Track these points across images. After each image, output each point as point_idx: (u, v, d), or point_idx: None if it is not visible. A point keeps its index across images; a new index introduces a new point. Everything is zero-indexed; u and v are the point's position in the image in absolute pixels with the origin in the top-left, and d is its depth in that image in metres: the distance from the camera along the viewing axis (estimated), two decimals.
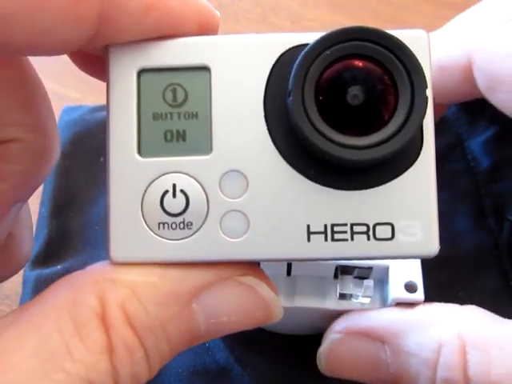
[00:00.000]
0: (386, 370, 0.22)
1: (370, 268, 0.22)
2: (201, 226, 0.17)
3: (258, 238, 0.17)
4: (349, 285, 0.23)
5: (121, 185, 0.17)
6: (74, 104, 0.34)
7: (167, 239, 0.17)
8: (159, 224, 0.17)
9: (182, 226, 0.17)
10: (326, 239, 0.17)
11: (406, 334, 0.21)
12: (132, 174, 0.17)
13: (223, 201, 0.17)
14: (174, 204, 0.17)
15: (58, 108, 0.33)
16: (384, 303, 0.23)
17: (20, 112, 0.19)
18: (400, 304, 0.22)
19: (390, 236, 0.17)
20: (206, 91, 0.17)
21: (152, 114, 0.17)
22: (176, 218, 0.17)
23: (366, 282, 0.23)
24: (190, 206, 0.17)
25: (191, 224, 0.17)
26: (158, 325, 0.16)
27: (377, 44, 0.16)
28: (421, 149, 0.17)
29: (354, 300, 0.23)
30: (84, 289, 0.16)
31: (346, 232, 0.17)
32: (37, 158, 0.19)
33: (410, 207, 0.17)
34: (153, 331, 0.16)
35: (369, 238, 0.17)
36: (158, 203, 0.17)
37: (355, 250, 0.17)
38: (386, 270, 0.23)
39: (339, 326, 0.22)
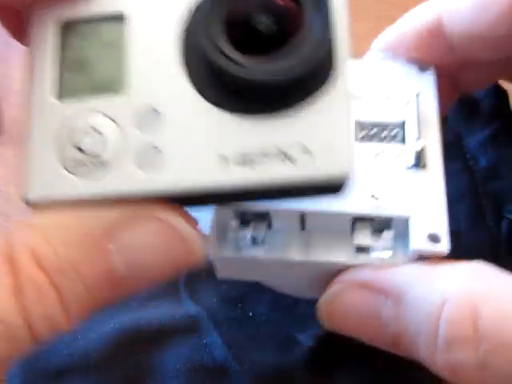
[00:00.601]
0: (386, 328, 0.20)
1: (389, 219, 0.21)
2: (117, 164, 0.17)
3: (174, 171, 0.17)
4: (366, 237, 0.21)
5: (38, 127, 0.17)
6: None
7: (84, 178, 0.17)
8: (75, 163, 0.17)
9: (98, 164, 0.17)
10: (242, 166, 0.16)
11: (408, 287, 0.20)
12: (49, 115, 0.17)
13: (139, 138, 0.17)
14: (90, 143, 0.17)
15: None
16: (406, 258, 0.21)
17: None
18: (423, 258, 0.21)
19: (304, 160, 0.16)
20: (122, 36, 0.18)
21: (72, 61, 0.18)
22: (92, 157, 0.17)
23: (385, 233, 0.21)
24: (106, 145, 0.17)
25: (107, 162, 0.17)
26: (69, 266, 0.16)
27: None
28: (330, 72, 0.17)
29: (372, 254, 0.22)
30: None
31: (261, 158, 0.16)
32: None
33: (322, 129, 0.17)
34: (64, 273, 0.16)
35: (284, 163, 0.16)
36: (74, 143, 0.17)
37: (271, 175, 0.16)
38: (406, 221, 0.21)
39: (344, 276, 0.21)
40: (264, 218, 0.21)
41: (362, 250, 0.21)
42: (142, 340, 0.25)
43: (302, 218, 0.22)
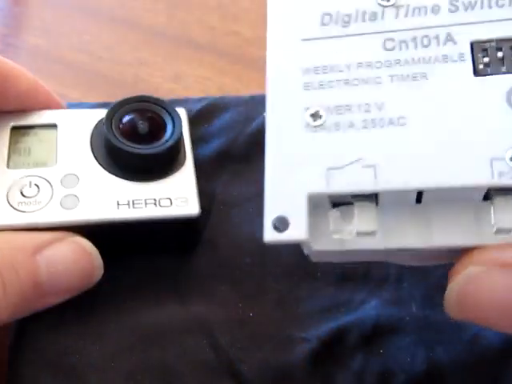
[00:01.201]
0: None
1: None
2: (48, 205, 0.26)
3: (85, 210, 0.26)
4: (508, 214, 0.17)
5: None
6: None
7: (25, 212, 0.26)
8: (18, 203, 0.26)
9: (34, 203, 0.26)
10: (129, 208, 0.27)
11: None
12: (1, 177, 0.27)
13: (63, 190, 0.27)
14: (30, 191, 0.27)
15: None
16: None
17: None
18: None
19: (169, 204, 0.27)
20: (54, 135, 0.29)
21: (18, 148, 0.28)
22: (30, 198, 0.26)
23: None
24: (41, 193, 0.27)
25: (41, 203, 0.26)
26: (12, 265, 0.22)
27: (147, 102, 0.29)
28: (185, 159, 0.29)
29: None
30: None
31: (141, 203, 0.27)
32: None
33: (181, 189, 0.27)
34: (9, 268, 0.22)
35: (156, 206, 0.27)
36: (19, 191, 0.27)
37: (148, 213, 0.27)
38: None
39: (481, 256, 0.18)
40: (370, 197, 0.18)
41: (503, 231, 0.18)
42: (143, 340, 0.25)
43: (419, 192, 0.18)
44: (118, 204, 0.27)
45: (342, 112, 0.19)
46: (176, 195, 0.27)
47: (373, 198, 0.18)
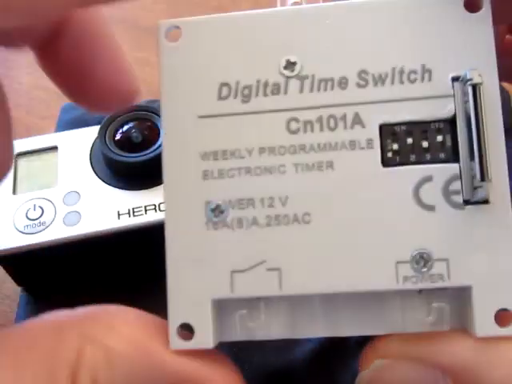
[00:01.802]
0: None
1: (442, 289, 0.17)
2: (51, 224, 0.27)
3: (87, 224, 0.27)
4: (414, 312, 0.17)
5: (1, 207, 0.28)
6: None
7: (30, 234, 0.27)
8: (24, 226, 0.27)
9: (38, 224, 0.27)
10: (129, 216, 0.27)
11: (477, 366, 0.16)
12: (8, 203, 0.28)
13: (65, 208, 0.28)
14: (34, 214, 0.28)
15: (58, 107, 0.36)
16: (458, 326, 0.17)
17: None
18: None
19: None
20: (55, 157, 0.30)
21: (24, 175, 0.29)
22: (35, 221, 0.28)
23: (436, 304, 0.17)
24: (44, 214, 0.28)
25: (45, 222, 0.27)
26: None
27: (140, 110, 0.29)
28: None
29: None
30: (66, 341, 0.16)
31: (142, 210, 0.27)
32: None
33: None
34: None
35: (156, 211, 0.27)
36: (25, 215, 0.28)
37: (149, 218, 0.27)
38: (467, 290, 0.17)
39: (387, 348, 0.18)
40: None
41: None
42: None
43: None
44: (119, 214, 0.28)
45: (244, 207, 0.17)
46: None
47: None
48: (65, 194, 0.29)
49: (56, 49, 0.20)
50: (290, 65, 0.18)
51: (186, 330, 0.17)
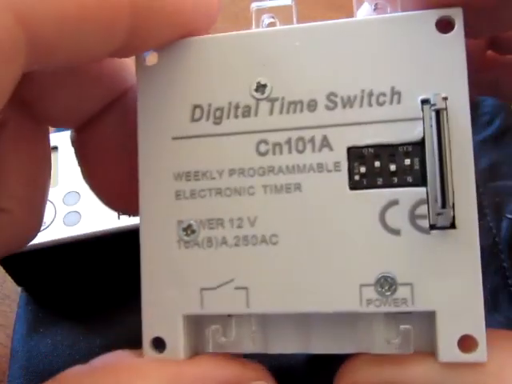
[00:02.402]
0: None
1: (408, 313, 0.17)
2: (51, 223, 0.28)
3: (86, 224, 0.28)
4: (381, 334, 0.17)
5: None
6: None
7: None
8: None
9: None
10: (129, 216, 0.27)
11: None
12: None
13: (65, 208, 0.28)
14: None
15: None
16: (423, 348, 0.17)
17: (23, 186, 0.19)
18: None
19: None
20: (55, 160, 0.30)
21: None
22: None
23: (402, 327, 0.17)
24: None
25: (45, 223, 0.28)
26: None
27: None
28: None
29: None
30: None
31: None
32: (17, 233, 0.19)
33: None
34: None
35: None
36: None
37: None
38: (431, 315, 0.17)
39: (352, 377, 0.18)
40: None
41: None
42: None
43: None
44: (119, 214, 0.28)
45: (214, 226, 0.18)
46: None
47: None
48: (65, 194, 0.29)
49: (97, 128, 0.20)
50: (261, 87, 0.18)
51: (158, 345, 0.18)
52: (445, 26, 0.17)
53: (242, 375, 0.18)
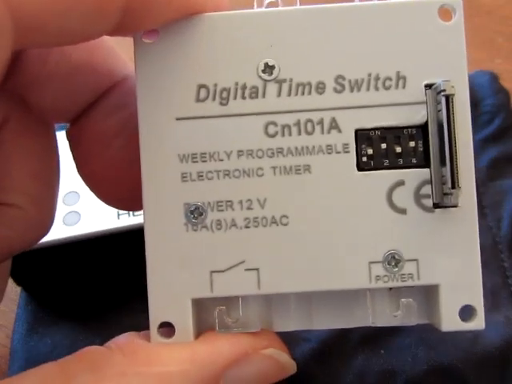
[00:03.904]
0: None
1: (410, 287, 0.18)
2: None
3: (85, 224, 0.28)
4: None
5: None
6: None
7: None
8: None
9: None
10: (129, 216, 0.27)
11: None
12: None
13: (64, 208, 0.28)
14: None
15: None
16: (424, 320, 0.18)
17: (31, 182, 0.19)
18: None
19: None
20: None
21: None
22: None
23: (404, 300, 0.18)
24: None
25: None
26: None
27: None
28: None
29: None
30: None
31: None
32: (29, 229, 0.19)
33: None
34: None
35: None
36: None
37: None
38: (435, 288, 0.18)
39: None
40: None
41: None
42: None
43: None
44: (119, 214, 0.28)
45: (223, 209, 0.18)
46: None
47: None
48: (65, 194, 0.29)
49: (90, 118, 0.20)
50: (268, 68, 0.18)
51: (167, 330, 0.18)
52: (446, 14, 0.17)
53: (256, 344, 0.18)
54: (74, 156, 0.21)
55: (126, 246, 0.28)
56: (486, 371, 0.24)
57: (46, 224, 0.20)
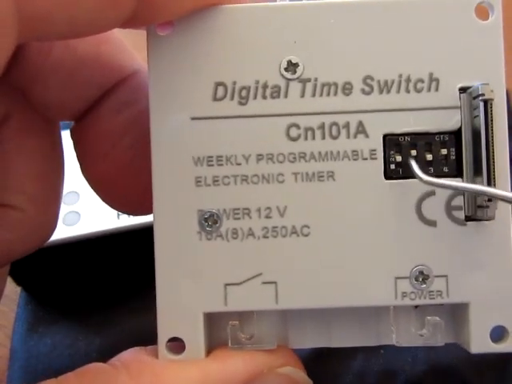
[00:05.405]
0: None
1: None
2: None
3: (87, 224, 0.27)
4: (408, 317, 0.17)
5: None
6: None
7: None
8: None
9: None
10: (129, 216, 0.27)
11: None
12: None
13: (64, 207, 0.27)
14: None
15: None
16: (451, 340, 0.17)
17: (33, 182, 0.18)
18: None
19: None
20: None
21: None
22: None
23: (430, 318, 0.17)
24: None
25: None
26: None
27: None
28: None
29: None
30: None
31: None
32: (31, 232, 0.18)
33: None
34: None
35: None
36: None
37: (147, 219, 0.27)
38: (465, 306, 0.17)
39: None
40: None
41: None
42: (147, 344, 0.26)
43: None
44: (118, 214, 0.27)
45: (239, 217, 0.16)
46: None
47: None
48: (64, 194, 0.28)
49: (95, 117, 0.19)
50: (292, 66, 0.16)
51: (176, 346, 0.17)
52: (483, 12, 0.16)
53: (272, 362, 0.17)
54: (78, 156, 0.20)
55: (126, 246, 0.28)
56: (486, 371, 0.24)
57: (49, 227, 0.19)
